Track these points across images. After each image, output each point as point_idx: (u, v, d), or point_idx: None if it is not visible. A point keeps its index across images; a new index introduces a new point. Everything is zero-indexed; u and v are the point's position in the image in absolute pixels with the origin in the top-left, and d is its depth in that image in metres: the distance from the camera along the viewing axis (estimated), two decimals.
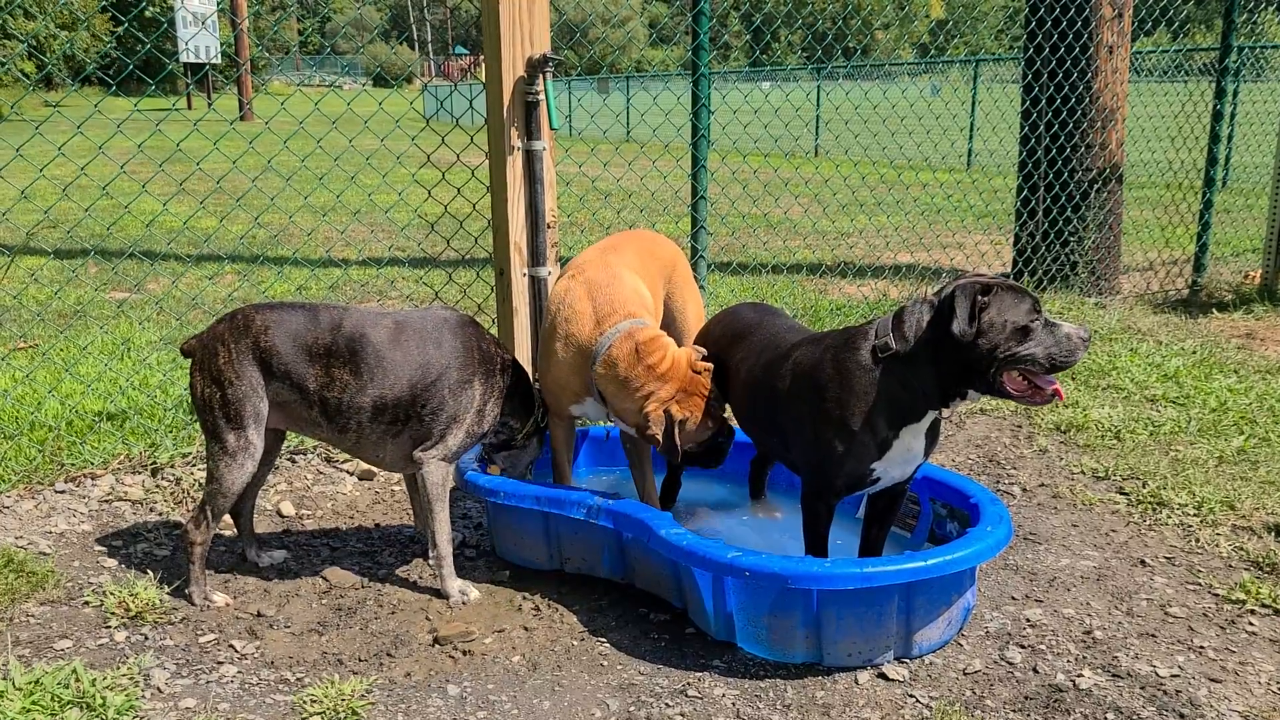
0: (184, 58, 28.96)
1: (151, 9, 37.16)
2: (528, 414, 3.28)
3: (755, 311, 3.34)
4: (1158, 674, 2.65)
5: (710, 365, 3.11)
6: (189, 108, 29.46)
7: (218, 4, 31.86)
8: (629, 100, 26.10)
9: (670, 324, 3.66)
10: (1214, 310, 6.77)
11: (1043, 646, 2.80)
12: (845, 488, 2.81)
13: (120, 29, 4.65)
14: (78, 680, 2.53)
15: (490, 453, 3.33)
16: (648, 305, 3.28)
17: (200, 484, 3.82)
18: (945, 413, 2.80)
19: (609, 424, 3.56)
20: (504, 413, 3.22)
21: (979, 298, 2.55)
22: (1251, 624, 2.91)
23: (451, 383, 3.05)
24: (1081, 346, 2.58)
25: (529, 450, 3.37)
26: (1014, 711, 2.50)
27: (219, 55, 31.92)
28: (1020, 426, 4.60)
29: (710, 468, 3.23)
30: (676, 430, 2.98)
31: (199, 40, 28.76)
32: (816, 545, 2.88)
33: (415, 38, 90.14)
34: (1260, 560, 3.28)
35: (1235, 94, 8.81)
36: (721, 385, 3.23)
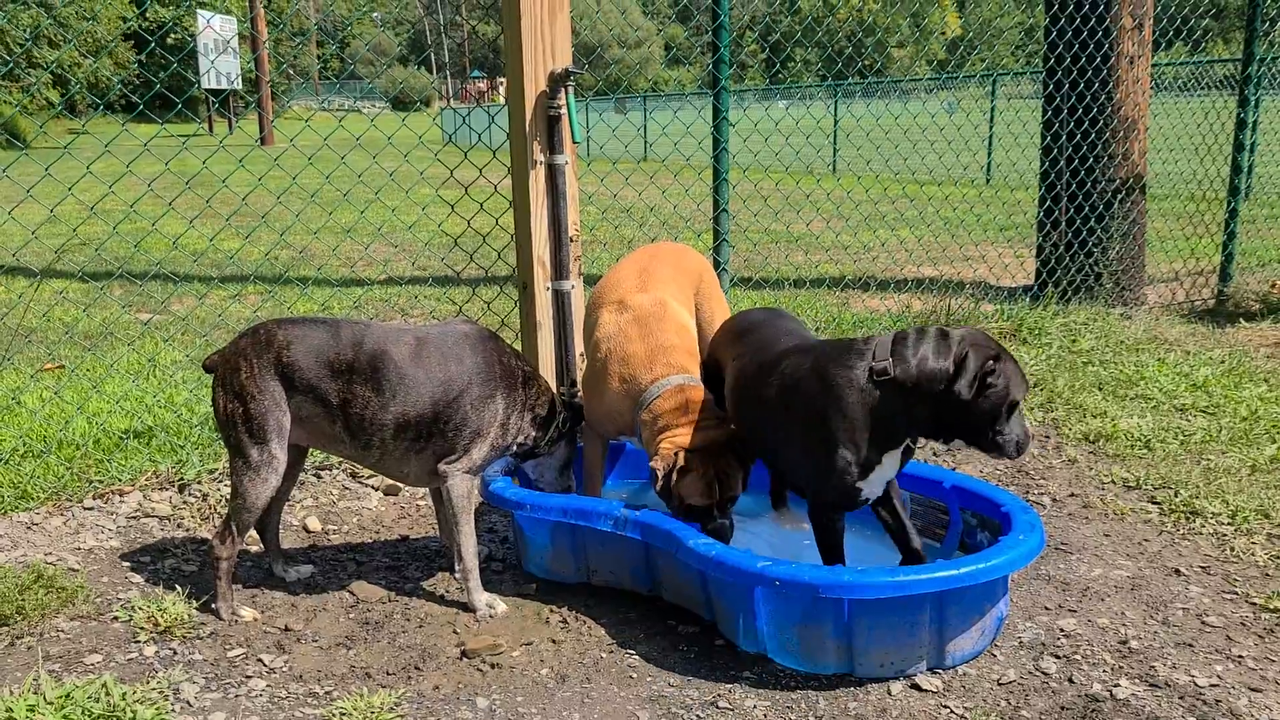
0: (206, 83, 29.30)
1: (173, 36, 37.60)
2: (550, 423, 3.27)
3: (764, 313, 3.33)
4: (1196, 684, 2.61)
5: (748, 456, 3.07)
6: (210, 132, 29.81)
7: (239, 29, 32.23)
8: (647, 117, 26.18)
9: (698, 334, 3.67)
10: (1241, 320, 6.70)
11: (1078, 656, 2.76)
12: (841, 504, 2.78)
13: (143, 54, 4.70)
14: (108, 694, 2.53)
15: (518, 463, 3.32)
16: (693, 340, 3.34)
17: (226, 500, 3.83)
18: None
19: None
20: (527, 424, 3.21)
21: (988, 363, 2.54)
22: None
23: (474, 398, 3.04)
24: (1028, 448, 2.72)
25: (556, 456, 3.35)
26: None
27: (240, 80, 32.28)
28: (1048, 437, 4.56)
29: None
30: (675, 475, 2.94)
31: (220, 65, 29.09)
32: (832, 556, 2.86)
33: (433, 61, 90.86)
34: None
35: (1258, 103, 8.74)
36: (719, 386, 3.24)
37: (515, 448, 3.22)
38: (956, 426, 2.62)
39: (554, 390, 3.37)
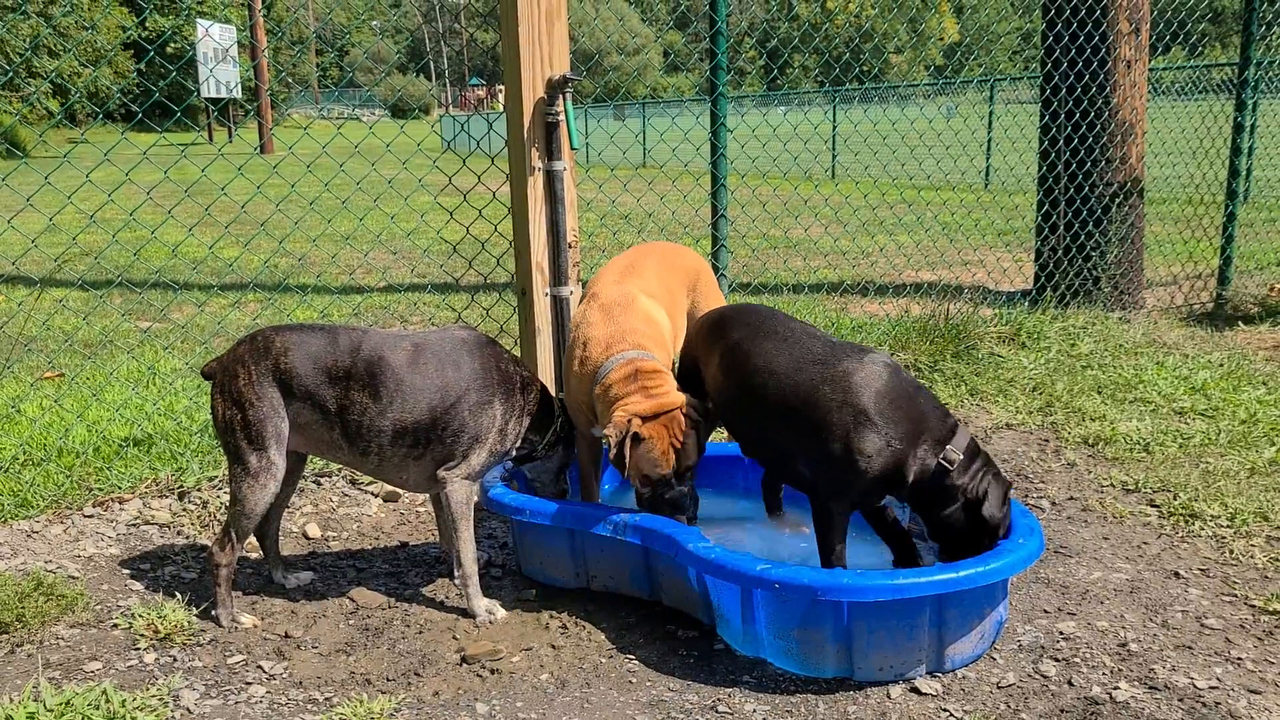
0: (205, 91, 29.35)
1: (173, 45, 37.63)
2: (548, 427, 3.28)
3: (757, 306, 3.35)
4: (1195, 686, 2.61)
5: (703, 420, 3.04)
6: (209, 140, 29.86)
7: (238, 38, 32.29)
8: (645, 123, 26.23)
9: None
10: (1240, 323, 6.71)
11: (1077, 659, 2.76)
12: (857, 503, 2.91)
13: (143, 63, 4.72)
14: (108, 701, 2.53)
15: (517, 466, 3.32)
16: (660, 329, 3.30)
17: (226, 507, 3.83)
18: None
19: None
20: (525, 429, 3.22)
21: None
22: None
23: (471, 404, 3.05)
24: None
25: (555, 460, 3.35)
26: None
27: (239, 88, 32.33)
28: (1048, 441, 4.56)
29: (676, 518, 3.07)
30: (629, 444, 2.91)
31: (220, 74, 29.15)
32: (833, 555, 2.89)
33: (432, 69, 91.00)
34: None
35: (1255, 106, 8.75)
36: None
37: (514, 453, 3.22)
38: (944, 523, 2.84)
39: (552, 394, 3.38)
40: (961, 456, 2.76)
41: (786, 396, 2.89)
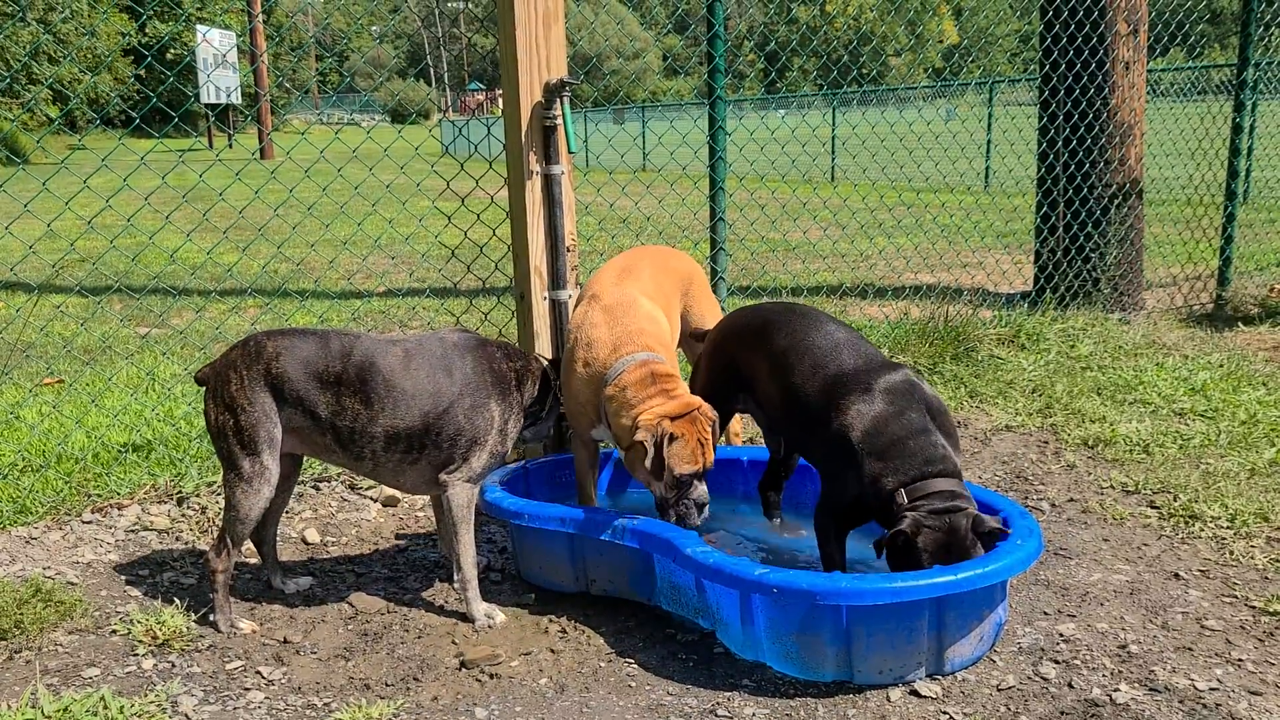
0: (204, 97, 29.38)
1: (172, 51, 37.67)
2: (547, 396, 3.28)
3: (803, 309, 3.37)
4: (1196, 687, 2.61)
5: (716, 418, 3.05)
6: (209, 146, 29.87)
7: (237, 44, 32.33)
8: (644, 127, 26.24)
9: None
10: (1239, 324, 6.71)
11: (1077, 661, 2.75)
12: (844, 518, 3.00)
13: (142, 69, 4.72)
14: (106, 708, 2.53)
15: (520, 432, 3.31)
16: (663, 330, 3.30)
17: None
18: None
19: None
20: (525, 420, 3.22)
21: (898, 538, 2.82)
22: None
23: (466, 408, 3.04)
24: None
25: (552, 416, 3.35)
26: None
27: (238, 94, 32.36)
28: (1047, 443, 4.56)
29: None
30: (666, 445, 2.91)
31: (219, 80, 29.17)
32: (828, 559, 2.95)
33: (431, 74, 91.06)
34: None
35: (1254, 107, 8.76)
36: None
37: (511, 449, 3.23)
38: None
39: (545, 364, 3.34)
40: (906, 503, 2.78)
41: (810, 408, 3.01)
